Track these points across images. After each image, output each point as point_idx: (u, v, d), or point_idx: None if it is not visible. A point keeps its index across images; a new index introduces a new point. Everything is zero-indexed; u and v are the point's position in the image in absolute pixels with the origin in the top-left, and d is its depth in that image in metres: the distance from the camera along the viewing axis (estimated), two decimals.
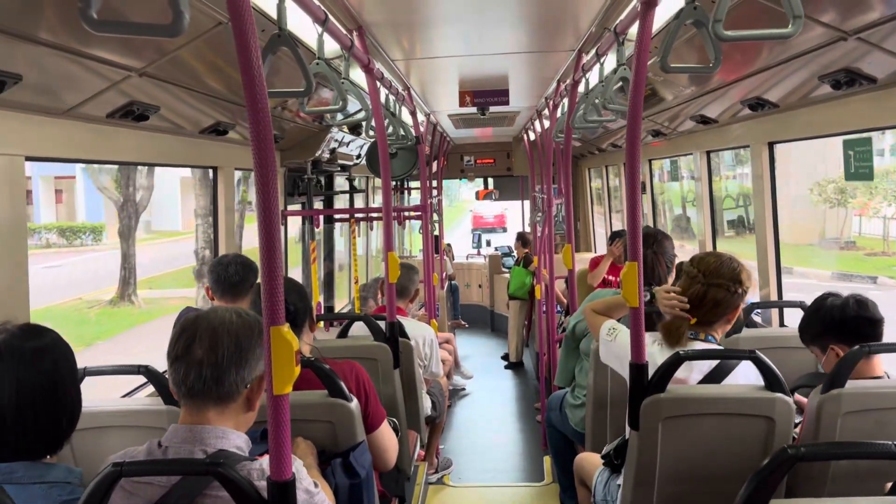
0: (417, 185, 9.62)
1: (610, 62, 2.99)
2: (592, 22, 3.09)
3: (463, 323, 10.16)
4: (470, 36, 3.48)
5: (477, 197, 11.94)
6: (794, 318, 4.01)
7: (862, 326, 2.51)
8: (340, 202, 7.97)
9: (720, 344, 2.59)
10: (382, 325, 3.36)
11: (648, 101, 4.32)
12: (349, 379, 2.47)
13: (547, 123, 5.70)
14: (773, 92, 3.31)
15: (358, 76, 3.35)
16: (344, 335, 3.57)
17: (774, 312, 4.12)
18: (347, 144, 5.95)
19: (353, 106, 3.49)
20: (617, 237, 5.98)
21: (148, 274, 17.99)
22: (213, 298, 3.35)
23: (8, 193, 2.33)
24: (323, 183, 6.50)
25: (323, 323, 5.20)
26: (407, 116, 4.88)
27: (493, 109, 5.64)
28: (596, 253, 9.23)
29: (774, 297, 4.04)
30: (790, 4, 1.66)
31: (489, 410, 7.10)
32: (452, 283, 9.96)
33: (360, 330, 3.60)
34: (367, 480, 2.26)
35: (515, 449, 6.07)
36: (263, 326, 1.44)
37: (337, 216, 6.89)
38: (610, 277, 5.70)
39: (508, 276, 8.98)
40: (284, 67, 2.90)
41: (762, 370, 2.26)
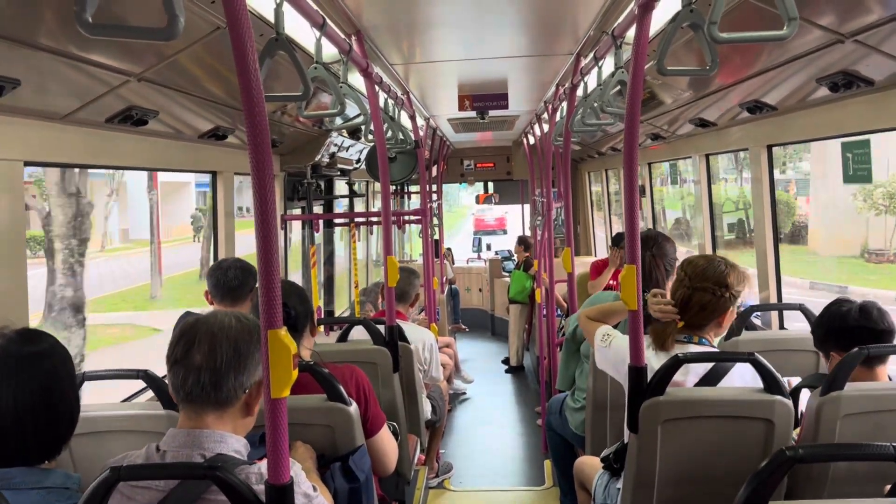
0: (417, 189, 9.62)
1: (608, 65, 2.99)
2: (590, 25, 3.10)
3: (463, 327, 10.15)
4: (469, 40, 3.48)
5: (477, 201, 11.94)
6: (793, 320, 4.02)
7: (862, 336, 2.41)
8: (340, 206, 7.97)
9: (715, 346, 2.59)
10: (382, 329, 3.36)
11: (647, 104, 4.33)
12: (349, 383, 2.47)
13: (546, 127, 5.70)
14: (771, 95, 3.31)
15: (357, 80, 3.35)
16: (344, 339, 3.57)
17: (774, 315, 4.12)
18: (347, 149, 5.96)
19: (352, 110, 3.50)
20: (616, 244, 5.92)
21: (112, 290, 15.86)
22: (212, 303, 3.35)
23: (6, 199, 2.33)
24: (323, 187, 6.51)
25: (323, 327, 5.19)
26: (406, 120, 4.88)
27: (492, 113, 5.65)
28: (596, 256, 9.23)
29: (774, 299, 4.03)
30: (785, 7, 1.67)
31: (490, 414, 7.09)
32: (453, 287, 9.95)
33: (360, 334, 3.60)
34: (366, 484, 2.26)
35: (516, 453, 6.06)
36: (261, 330, 1.43)
37: (337, 220, 6.88)
38: (611, 282, 5.68)
39: (509, 279, 8.98)
40: (283, 72, 2.91)
41: (761, 373, 2.26)
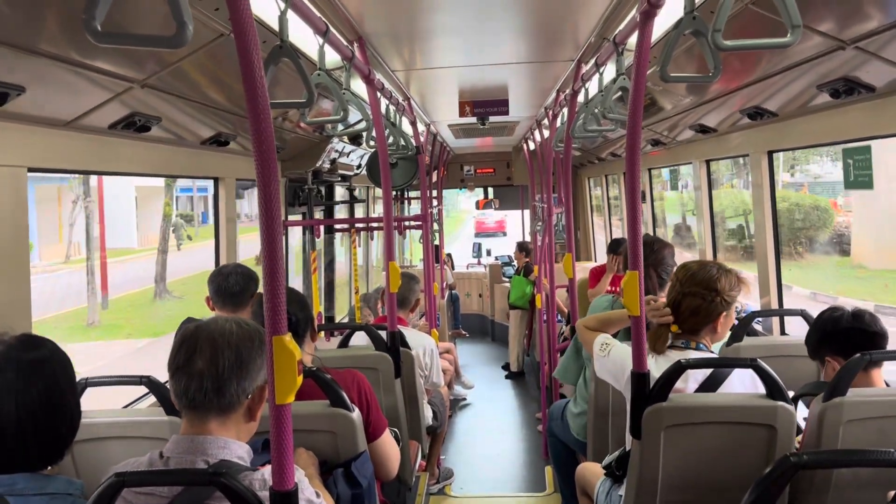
0: (418, 194, 9.63)
1: (609, 72, 3.00)
2: (592, 32, 3.10)
3: (464, 332, 10.14)
4: (470, 46, 3.49)
5: (477, 206, 11.94)
6: (794, 326, 4.01)
7: (856, 338, 2.46)
8: (341, 212, 7.97)
9: (714, 352, 2.59)
10: (383, 334, 3.36)
11: (648, 110, 4.34)
12: (351, 389, 2.47)
13: (547, 133, 5.71)
14: (771, 101, 3.32)
15: (358, 87, 3.36)
16: (345, 345, 3.57)
17: (775, 321, 4.13)
18: (348, 155, 5.96)
19: (353, 116, 3.50)
20: (612, 250, 5.92)
21: (58, 310, 14.57)
22: (213, 308, 3.36)
23: (10, 205, 2.33)
24: (323, 193, 6.52)
25: (324, 333, 5.19)
26: (407, 126, 4.89)
27: (492, 119, 5.65)
28: (596, 262, 9.23)
29: (775, 305, 4.04)
30: (788, 14, 1.67)
31: (490, 420, 7.08)
32: (453, 292, 9.95)
33: (361, 340, 3.60)
34: (368, 490, 2.26)
35: (517, 459, 6.05)
36: (265, 336, 1.44)
37: (337, 226, 6.89)
38: (610, 288, 5.68)
39: (509, 285, 8.98)
40: (286, 78, 2.91)
41: (764, 379, 2.26)
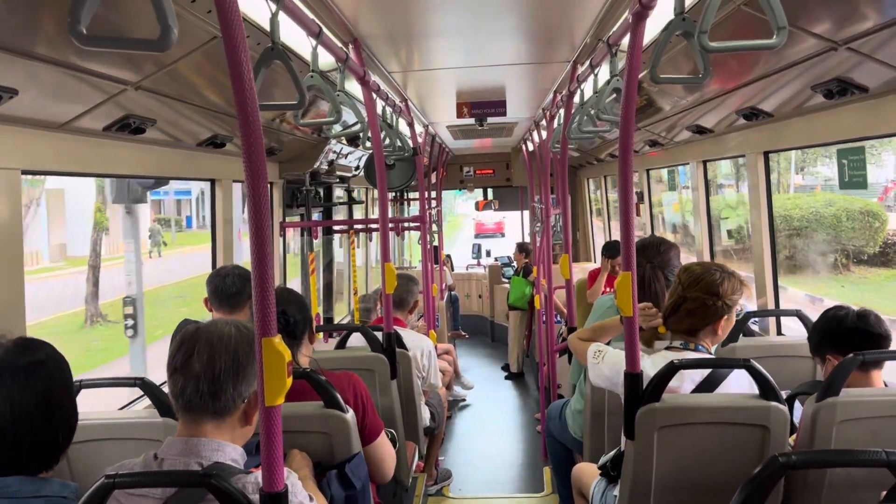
0: (416, 196, 9.64)
1: (604, 73, 3.01)
2: (587, 33, 3.11)
3: (463, 334, 10.15)
4: (467, 48, 3.50)
5: (476, 207, 11.94)
6: (790, 327, 4.02)
7: (859, 338, 2.45)
8: (339, 213, 7.98)
9: (713, 353, 2.60)
10: (380, 336, 3.36)
11: (644, 111, 4.34)
12: (346, 390, 2.47)
13: (545, 134, 5.72)
14: (767, 102, 3.32)
15: (355, 88, 3.36)
16: (342, 346, 3.57)
17: (771, 321, 4.13)
18: (346, 156, 5.97)
19: (348, 118, 3.51)
20: (604, 253, 5.94)
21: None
22: (211, 310, 3.36)
23: (4, 208, 2.34)
24: (321, 194, 6.52)
25: (322, 334, 5.20)
26: (405, 128, 4.89)
27: (490, 120, 5.66)
28: (595, 263, 9.23)
29: (771, 305, 4.04)
30: (775, 16, 1.68)
31: (489, 421, 7.08)
32: (452, 293, 9.95)
33: (359, 341, 3.60)
34: (362, 492, 2.26)
35: (515, 460, 6.06)
36: (255, 337, 1.44)
37: (336, 227, 6.89)
38: (606, 289, 5.69)
39: (508, 286, 8.98)
40: (281, 80, 2.91)
41: (757, 379, 2.26)
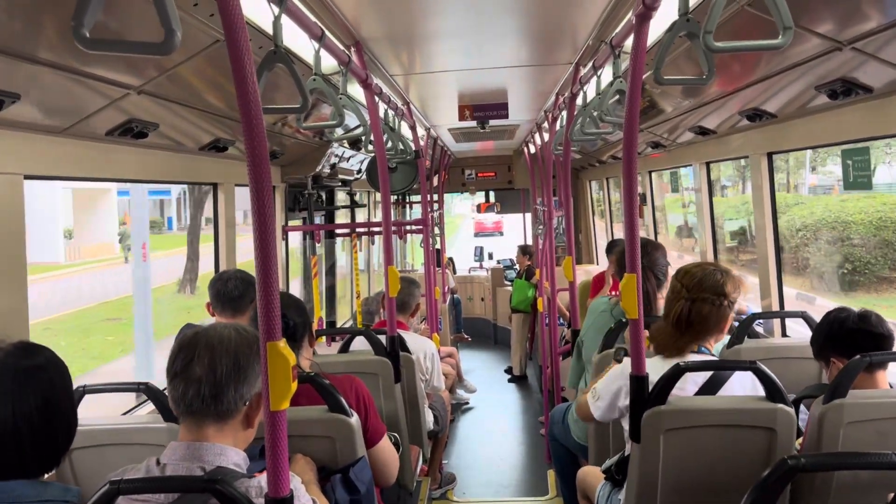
0: (418, 199, 9.63)
1: (607, 75, 3.00)
2: (589, 35, 3.10)
3: (466, 336, 10.14)
4: (469, 50, 3.49)
5: (479, 210, 11.94)
6: (795, 328, 4.00)
7: (861, 339, 2.45)
8: (342, 217, 7.98)
9: (715, 354, 2.59)
10: (383, 339, 3.35)
11: (647, 112, 4.33)
12: (349, 394, 2.46)
13: (547, 136, 5.71)
14: (770, 102, 3.31)
15: (357, 91, 3.36)
16: (345, 350, 3.57)
17: (776, 323, 4.11)
18: (348, 159, 5.97)
19: (351, 121, 3.50)
20: (609, 252, 5.87)
21: None
22: (213, 314, 3.36)
23: (6, 212, 2.33)
24: (324, 198, 6.51)
25: (325, 338, 5.19)
26: (407, 131, 4.89)
27: (492, 123, 5.65)
28: (598, 265, 9.22)
29: (776, 307, 4.03)
30: (780, 16, 1.67)
31: (493, 424, 7.06)
32: (455, 296, 9.94)
33: (362, 345, 3.59)
34: (367, 496, 2.25)
35: (519, 463, 6.04)
36: (260, 342, 1.43)
37: (338, 231, 6.88)
38: (614, 293, 5.63)
39: (511, 288, 8.97)
40: (284, 83, 2.91)
41: (763, 381, 2.25)
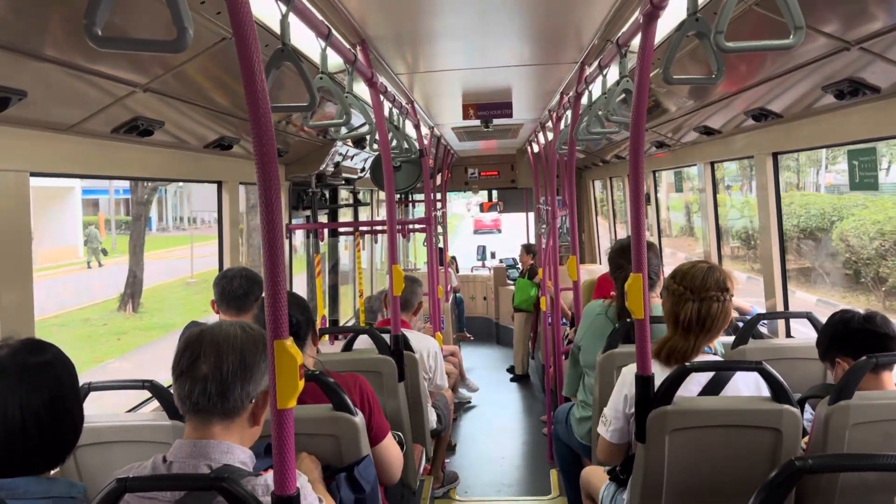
0: (421, 197, 9.63)
1: (613, 74, 3.00)
2: (595, 34, 3.10)
3: (468, 336, 10.14)
4: (473, 49, 3.49)
5: (481, 209, 11.95)
6: (800, 329, 4.00)
7: (867, 339, 2.45)
8: (345, 215, 7.97)
9: (717, 353, 2.59)
10: (387, 338, 3.35)
11: (652, 112, 4.33)
12: (353, 392, 2.46)
13: (550, 135, 5.70)
14: (776, 102, 3.31)
15: (361, 90, 3.36)
16: (349, 348, 3.57)
17: (781, 323, 4.11)
18: (352, 158, 5.96)
19: (356, 120, 3.50)
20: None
21: None
22: (217, 312, 3.36)
23: (13, 209, 2.34)
24: (327, 196, 6.51)
25: (328, 336, 5.19)
26: (411, 129, 4.89)
27: (496, 122, 5.65)
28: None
29: (780, 307, 4.02)
30: (791, 15, 1.67)
31: (495, 423, 7.07)
32: (457, 295, 9.94)
33: (364, 343, 3.59)
34: (371, 495, 2.25)
35: (522, 462, 6.04)
36: (267, 340, 1.43)
37: (341, 229, 6.88)
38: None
39: (513, 288, 8.97)
40: (289, 82, 2.91)
41: (769, 382, 2.25)
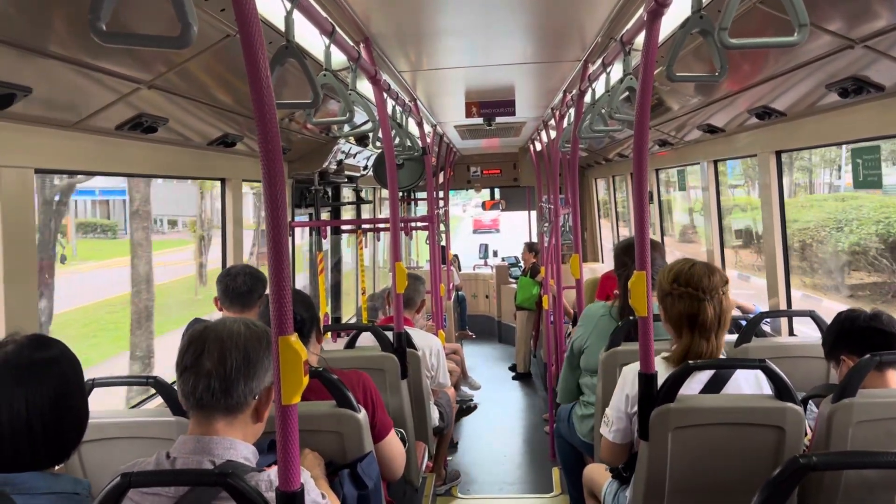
0: (424, 195, 9.63)
1: (616, 72, 2.99)
2: (598, 32, 3.10)
3: (470, 334, 10.13)
4: (476, 47, 3.49)
5: (483, 207, 11.95)
6: (802, 327, 3.99)
7: (872, 337, 2.46)
8: (348, 213, 7.98)
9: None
10: (390, 335, 3.36)
11: (655, 110, 4.32)
12: (356, 389, 2.47)
13: (553, 134, 5.70)
14: (780, 100, 3.30)
15: (365, 87, 3.36)
16: (352, 346, 3.57)
17: (784, 322, 4.10)
18: (354, 156, 5.97)
19: (359, 117, 3.50)
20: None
21: None
22: (221, 309, 3.36)
23: (17, 206, 2.34)
24: (330, 194, 6.52)
25: (331, 333, 5.20)
26: (413, 127, 4.89)
27: (499, 120, 5.64)
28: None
29: (783, 306, 4.02)
30: (796, 13, 1.66)
31: (497, 421, 7.07)
32: (460, 293, 9.94)
33: (367, 341, 3.59)
34: (374, 491, 2.25)
35: (524, 460, 6.04)
36: (272, 336, 1.44)
37: (344, 227, 6.89)
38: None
39: (515, 286, 8.97)
40: (292, 79, 2.91)
41: (773, 380, 2.25)
